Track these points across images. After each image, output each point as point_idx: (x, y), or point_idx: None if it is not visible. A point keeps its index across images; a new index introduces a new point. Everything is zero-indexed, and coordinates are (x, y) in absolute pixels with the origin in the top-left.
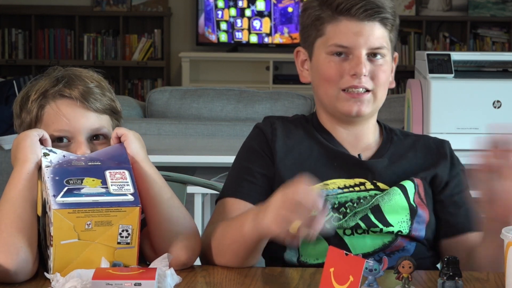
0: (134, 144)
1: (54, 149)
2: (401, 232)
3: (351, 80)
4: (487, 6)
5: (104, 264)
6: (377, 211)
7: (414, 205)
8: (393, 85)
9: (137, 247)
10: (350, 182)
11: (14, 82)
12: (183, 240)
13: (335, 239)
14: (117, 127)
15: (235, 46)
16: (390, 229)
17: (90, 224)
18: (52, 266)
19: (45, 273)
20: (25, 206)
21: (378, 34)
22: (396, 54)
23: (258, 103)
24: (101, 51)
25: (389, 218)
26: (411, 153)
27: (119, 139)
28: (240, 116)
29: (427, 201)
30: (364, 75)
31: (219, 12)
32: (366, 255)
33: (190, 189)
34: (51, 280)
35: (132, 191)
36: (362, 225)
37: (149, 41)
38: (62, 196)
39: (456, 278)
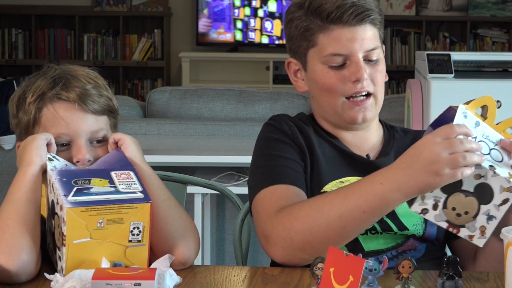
0: (131, 147)
1: (58, 157)
2: (415, 235)
3: (353, 86)
4: (487, 6)
5: (105, 264)
6: (392, 215)
7: None
8: (387, 78)
9: (148, 245)
10: None
11: (14, 82)
12: (181, 239)
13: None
14: (113, 133)
15: (235, 46)
16: (405, 232)
17: (102, 222)
18: (65, 267)
19: (45, 274)
20: (28, 207)
21: (370, 36)
22: (383, 46)
23: (258, 103)
24: (101, 51)
25: (404, 221)
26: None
27: (116, 144)
28: (240, 116)
29: None
30: (366, 79)
31: (236, 11)
32: (379, 252)
33: (190, 189)
34: (50, 280)
35: (140, 189)
36: (378, 228)
37: (149, 41)
38: (73, 196)
39: (456, 278)
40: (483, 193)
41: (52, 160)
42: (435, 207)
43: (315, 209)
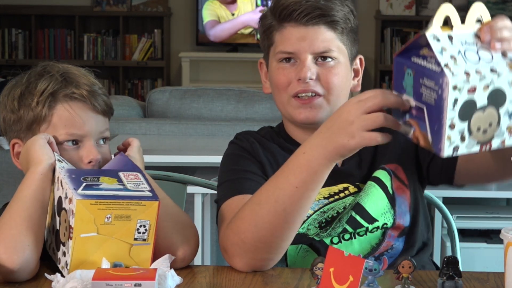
0: (133, 149)
1: (65, 160)
2: (387, 224)
3: (297, 85)
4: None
5: (105, 264)
6: (360, 209)
7: (391, 193)
8: (358, 89)
9: (153, 244)
10: (334, 189)
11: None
12: (180, 236)
13: (324, 249)
14: (130, 138)
15: (235, 46)
16: (375, 224)
17: (110, 217)
18: (70, 261)
19: (46, 274)
20: (36, 206)
21: (323, 38)
22: (360, 56)
23: (258, 103)
24: (101, 51)
25: (372, 212)
26: None
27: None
28: (240, 116)
29: (410, 179)
30: (311, 79)
31: None
32: None
33: (190, 189)
34: (51, 281)
35: (148, 188)
36: (349, 228)
37: (149, 41)
38: (83, 189)
39: (456, 278)
40: (497, 98)
41: (62, 162)
42: (462, 138)
43: (255, 203)
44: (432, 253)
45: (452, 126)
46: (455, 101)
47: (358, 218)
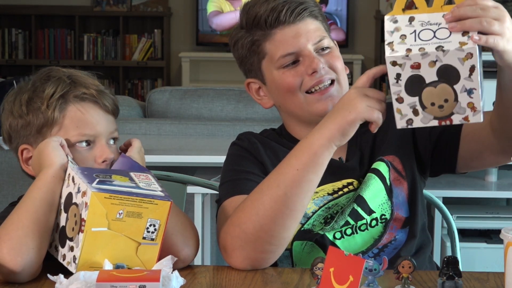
0: (134, 150)
1: (77, 164)
2: (385, 215)
3: (310, 79)
4: None
5: (108, 266)
6: (361, 201)
7: (389, 184)
8: (347, 71)
9: (160, 245)
10: (339, 184)
11: (14, 82)
12: (180, 237)
13: (328, 245)
14: (131, 139)
15: None
16: (373, 216)
17: (121, 213)
18: (79, 255)
19: (48, 275)
20: (44, 209)
21: (314, 28)
22: (335, 41)
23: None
24: (101, 51)
25: (371, 204)
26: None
27: (124, 147)
28: (240, 116)
29: (408, 170)
30: (323, 68)
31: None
32: (362, 254)
33: (190, 189)
34: (53, 281)
35: (160, 189)
36: (351, 221)
37: (149, 41)
38: (97, 184)
39: (456, 278)
40: (448, 75)
41: (74, 165)
42: (415, 112)
43: (256, 193)
44: (432, 252)
45: (399, 100)
46: (398, 76)
47: (359, 210)
